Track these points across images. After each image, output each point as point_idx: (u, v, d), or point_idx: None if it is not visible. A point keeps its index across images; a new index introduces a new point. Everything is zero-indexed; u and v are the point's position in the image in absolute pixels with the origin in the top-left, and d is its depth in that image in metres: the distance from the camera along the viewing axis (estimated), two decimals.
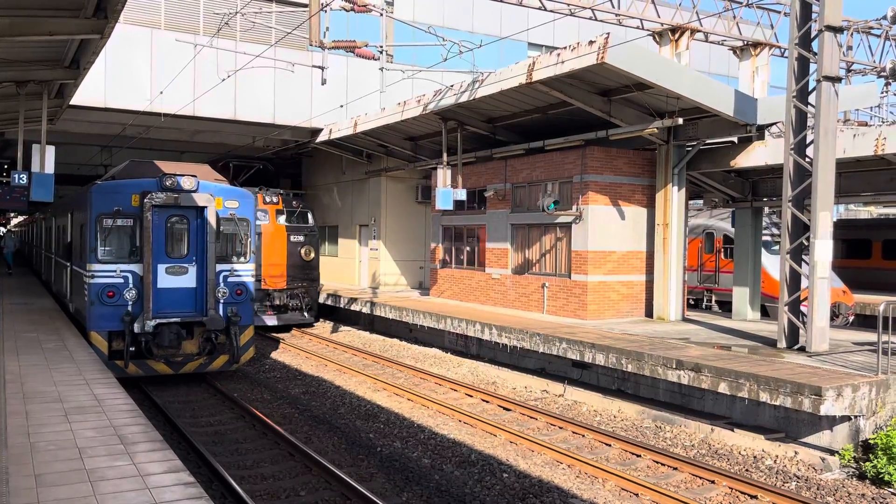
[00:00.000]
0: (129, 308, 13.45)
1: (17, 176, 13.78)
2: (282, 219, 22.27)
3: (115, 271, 13.52)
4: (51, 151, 14.35)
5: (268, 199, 22.03)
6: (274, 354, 17.92)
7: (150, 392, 13.41)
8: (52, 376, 9.54)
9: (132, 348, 13.44)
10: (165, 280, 13.83)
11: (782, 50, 22.28)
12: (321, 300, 24.27)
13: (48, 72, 13.16)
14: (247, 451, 10.27)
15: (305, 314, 22.45)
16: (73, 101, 17.32)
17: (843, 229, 26.34)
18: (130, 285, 13.52)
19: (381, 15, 18.30)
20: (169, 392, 13.74)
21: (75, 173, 34.53)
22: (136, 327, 13.36)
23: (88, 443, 6.69)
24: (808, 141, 12.78)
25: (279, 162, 32.01)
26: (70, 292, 16.44)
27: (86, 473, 5.88)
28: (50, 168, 14.28)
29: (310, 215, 23.10)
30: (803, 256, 12.82)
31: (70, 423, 7.36)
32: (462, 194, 18.96)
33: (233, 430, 11.31)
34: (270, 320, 21.68)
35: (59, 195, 21.10)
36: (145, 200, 13.52)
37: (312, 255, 22.64)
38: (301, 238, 22.46)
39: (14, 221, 64.97)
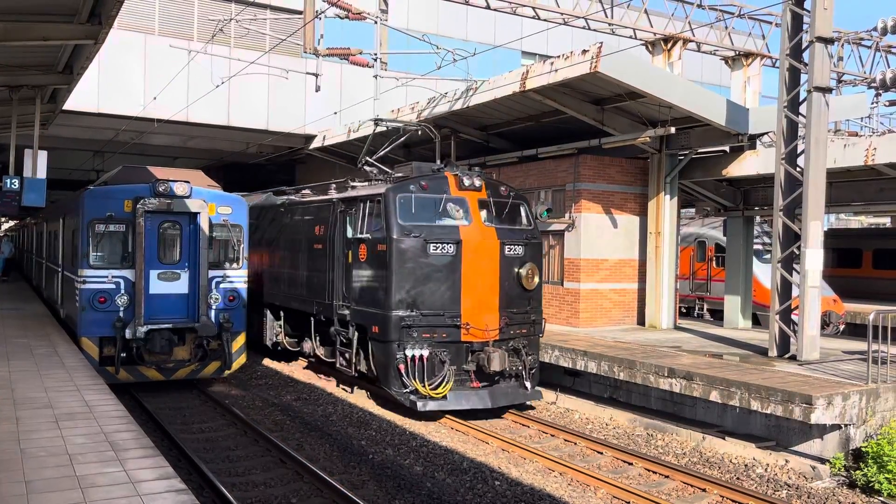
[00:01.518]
0: (121, 314, 13.40)
1: (9, 181, 13.76)
2: (485, 214, 13.09)
3: (106, 277, 13.47)
4: (43, 156, 14.33)
5: (467, 183, 12.98)
6: (266, 361, 17.87)
7: (142, 398, 13.35)
8: (43, 382, 9.49)
9: (123, 354, 13.39)
10: (157, 286, 13.78)
11: (774, 60, 22.45)
12: None
13: (41, 77, 13.16)
14: (238, 457, 10.23)
15: (527, 384, 12.91)
16: (66, 106, 17.30)
17: (833, 238, 26.50)
18: (122, 291, 13.48)
19: (376, 23, 18.36)
20: (160, 398, 13.68)
21: (67, 178, 34.43)
22: (128, 333, 13.30)
23: (79, 449, 6.66)
24: (799, 151, 12.87)
25: (272, 168, 32.01)
26: (61, 298, 16.36)
27: (76, 480, 5.85)
28: (42, 173, 14.27)
29: (524, 209, 13.77)
30: (794, 265, 12.89)
31: (60, 429, 7.32)
32: None
33: (224, 437, 11.27)
34: (480, 399, 12.37)
35: (51, 200, 21.00)
36: (138, 206, 13.49)
37: (536, 279, 13.24)
38: (519, 250, 13.06)
39: (5, 226, 64.61)
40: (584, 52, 13.62)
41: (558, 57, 14.39)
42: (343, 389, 14.64)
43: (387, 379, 12.41)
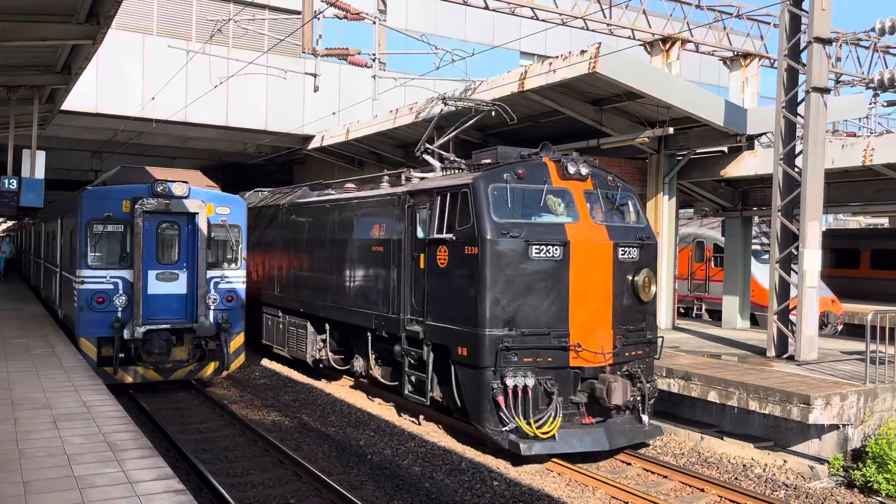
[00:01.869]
0: (119, 314, 13.39)
1: (7, 181, 13.75)
2: (591, 209, 10.81)
3: (105, 277, 13.46)
4: (41, 156, 14.33)
5: (571, 170, 10.75)
6: (264, 362, 17.86)
7: (140, 399, 13.34)
8: (41, 383, 9.49)
9: (122, 354, 13.38)
10: (156, 286, 13.77)
11: (772, 61, 22.50)
12: None
13: (40, 77, 13.14)
14: (236, 458, 10.23)
15: (644, 418, 10.69)
16: (65, 106, 17.29)
17: (831, 239, 26.52)
18: (120, 291, 13.46)
19: (374, 23, 18.38)
20: (158, 399, 13.67)
21: (66, 178, 34.41)
22: (126, 333, 13.29)
23: (77, 450, 6.66)
24: (797, 151, 12.89)
25: (270, 168, 32.00)
26: (59, 298, 16.35)
27: (75, 481, 5.85)
28: (40, 173, 14.27)
29: (633, 202, 11.50)
30: (792, 266, 12.90)
31: (59, 429, 7.31)
32: None
33: (222, 438, 11.27)
34: (594, 440, 10.17)
35: (49, 200, 20.98)
36: (136, 206, 13.48)
37: (654, 288, 11.11)
38: (634, 253, 10.86)
39: (2, 227, 64.56)
40: (583, 52, 13.63)
41: (557, 57, 14.40)
42: (408, 419, 12.50)
43: (479, 413, 10.11)
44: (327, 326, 14.79)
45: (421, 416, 12.38)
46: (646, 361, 10.91)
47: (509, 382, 9.79)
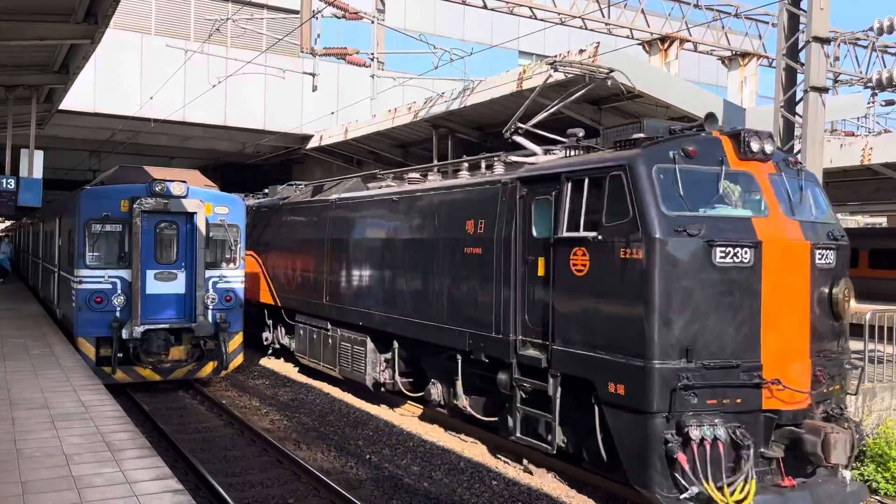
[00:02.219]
0: (118, 314, 13.37)
1: (5, 180, 13.77)
2: (785, 204, 8.23)
3: (103, 277, 13.45)
4: (39, 156, 14.35)
5: (755, 147, 8.16)
6: (263, 361, 17.85)
7: (138, 399, 13.32)
8: (39, 382, 9.48)
9: (120, 354, 13.36)
10: (154, 286, 13.76)
11: (770, 60, 22.52)
12: None
13: (37, 76, 13.15)
14: (235, 458, 10.22)
15: (847, 474, 7.98)
16: (63, 106, 17.29)
17: None
18: (119, 291, 13.45)
19: (373, 22, 18.38)
20: (157, 399, 13.66)
21: (64, 178, 34.40)
22: (125, 333, 13.27)
23: (75, 450, 6.65)
24: (795, 151, 12.89)
25: (268, 168, 32.00)
26: (57, 298, 16.33)
27: (73, 481, 5.84)
28: (38, 173, 14.29)
29: (816, 191, 9.03)
30: None
31: (57, 429, 7.31)
32: None
33: (221, 438, 11.26)
34: None
35: (48, 200, 20.93)
36: (134, 206, 13.46)
37: (852, 303, 8.84)
38: (830, 259, 8.34)
39: (1, 227, 64.45)
40: (581, 51, 13.64)
41: (555, 56, 14.39)
42: (504, 460, 10.30)
43: (642, 473, 7.57)
44: (395, 344, 12.32)
45: (526, 460, 9.96)
46: (842, 398, 8.54)
47: (694, 434, 7.25)
